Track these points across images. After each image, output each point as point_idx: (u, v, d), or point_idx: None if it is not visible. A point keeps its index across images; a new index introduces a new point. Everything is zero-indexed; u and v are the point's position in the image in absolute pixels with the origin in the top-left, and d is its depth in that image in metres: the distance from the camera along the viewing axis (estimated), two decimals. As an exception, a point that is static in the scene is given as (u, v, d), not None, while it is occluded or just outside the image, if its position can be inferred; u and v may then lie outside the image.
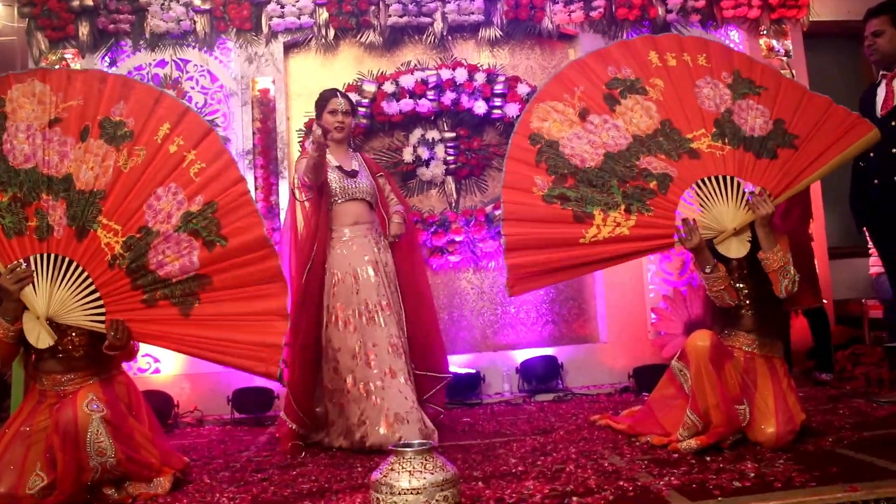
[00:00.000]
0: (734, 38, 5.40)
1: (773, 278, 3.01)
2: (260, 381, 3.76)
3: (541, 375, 4.85)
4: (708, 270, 3.09)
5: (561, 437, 3.43)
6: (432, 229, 4.95)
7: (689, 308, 4.98)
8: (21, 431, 2.82)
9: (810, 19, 5.43)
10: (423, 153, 5.02)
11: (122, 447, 2.70)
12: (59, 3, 4.86)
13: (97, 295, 2.84)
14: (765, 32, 5.36)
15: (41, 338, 2.80)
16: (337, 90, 3.89)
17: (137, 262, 2.86)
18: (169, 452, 2.98)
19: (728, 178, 3.10)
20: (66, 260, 2.84)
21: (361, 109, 4.96)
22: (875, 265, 4.75)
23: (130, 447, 2.75)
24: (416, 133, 5.05)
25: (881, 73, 3.82)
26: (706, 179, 3.11)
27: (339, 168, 3.76)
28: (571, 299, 5.25)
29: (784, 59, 5.28)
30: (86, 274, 2.84)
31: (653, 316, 5.09)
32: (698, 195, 3.12)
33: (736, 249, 3.09)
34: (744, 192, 3.08)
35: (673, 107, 3.21)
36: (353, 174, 3.77)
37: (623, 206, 3.16)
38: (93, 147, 2.91)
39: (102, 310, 2.83)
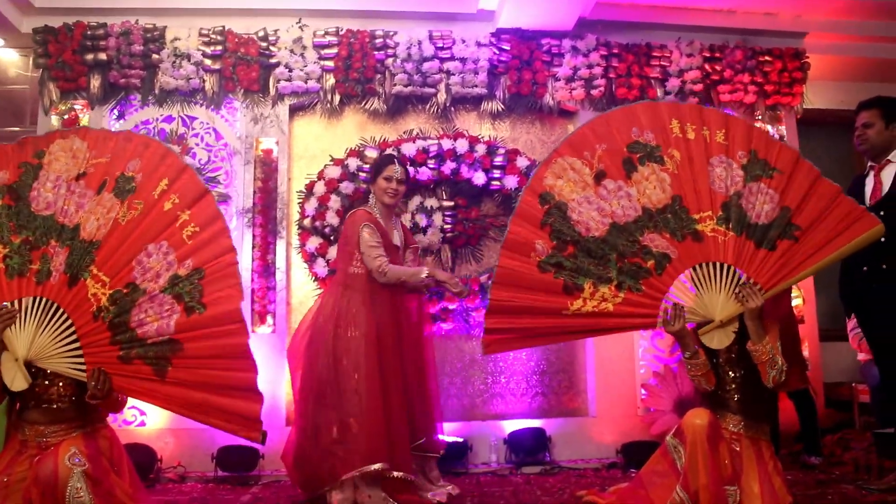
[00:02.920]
0: (730, 121, 5.53)
1: (762, 369, 3.03)
2: (246, 440, 3.73)
3: (528, 447, 4.82)
4: (687, 356, 3.12)
5: (546, 512, 3.41)
6: (426, 296, 4.96)
7: (680, 385, 4.97)
8: (-1, 482, 2.80)
9: (804, 107, 5.58)
10: (421, 220, 5.07)
11: (101, 503, 2.67)
12: (73, 55, 4.98)
13: (77, 344, 2.85)
14: (760, 118, 5.50)
15: (16, 380, 2.81)
16: (395, 156, 3.99)
17: (120, 318, 2.87)
18: (149, 509, 2.94)
19: (725, 265, 3.11)
20: (55, 305, 2.87)
21: (362, 174, 5.03)
22: (864, 351, 4.76)
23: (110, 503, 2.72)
24: (415, 200, 5.11)
25: (869, 164, 3.91)
26: (703, 264, 3.13)
27: (391, 242, 3.81)
28: (562, 372, 5.24)
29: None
30: (70, 321, 2.86)
31: (643, 392, 5.08)
32: (693, 279, 3.15)
33: (718, 341, 3.11)
34: (738, 281, 3.10)
35: (686, 182, 3.19)
36: (400, 250, 3.87)
37: (615, 282, 3.17)
38: (104, 200, 3.00)
39: (82, 359, 2.84)
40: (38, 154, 3.07)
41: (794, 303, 5.14)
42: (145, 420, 4.79)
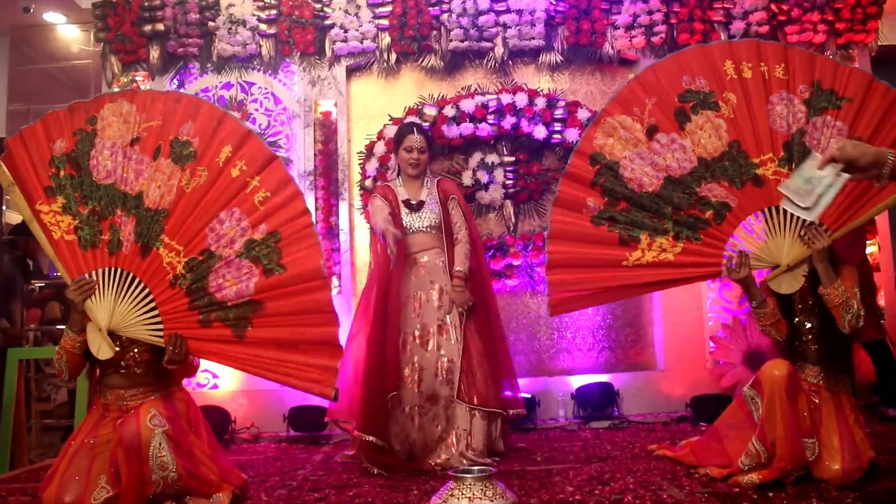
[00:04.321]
0: (799, 63, 5.33)
1: (836, 313, 2.93)
2: (316, 400, 3.79)
3: (596, 402, 4.80)
4: (754, 305, 3.06)
5: (618, 467, 3.38)
6: (490, 253, 4.95)
7: (749, 337, 4.88)
8: (85, 443, 2.92)
9: (878, 44, 5.31)
10: (483, 177, 5.03)
11: (182, 462, 2.75)
12: (132, 27, 5.04)
13: (156, 311, 2.92)
14: (831, 58, 5.24)
15: (102, 349, 2.89)
16: (414, 125, 3.98)
17: (198, 284, 2.94)
18: (227, 469, 3.02)
19: None
20: (130, 275, 2.94)
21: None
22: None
23: (191, 462, 2.80)
24: (476, 157, 5.07)
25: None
26: (769, 209, 3.06)
27: (406, 202, 3.85)
28: (628, 325, 5.18)
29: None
30: (147, 290, 2.93)
31: (711, 345, 5.00)
32: (766, 223, 3.07)
33: (788, 285, 3.03)
34: (804, 223, 3.01)
35: (743, 126, 3.13)
36: (417, 207, 3.84)
37: (672, 233, 3.14)
38: (162, 166, 3.01)
39: (161, 325, 2.91)
40: (91, 120, 3.06)
41: (869, 250, 4.97)
42: (218, 383, 4.92)
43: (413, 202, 3.86)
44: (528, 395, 4.79)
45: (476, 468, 2.30)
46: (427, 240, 3.85)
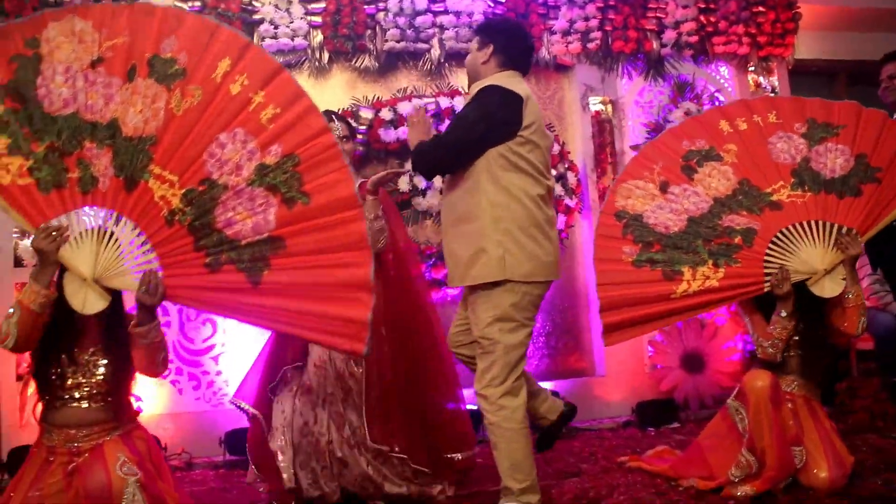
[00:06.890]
0: (724, 73, 5.53)
1: (852, 314, 3.05)
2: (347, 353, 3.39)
3: (541, 411, 4.74)
4: (785, 315, 3.10)
5: (597, 482, 3.34)
6: (431, 262, 4.80)
7: (685, 341, 4.99)
8: (30, 497, 2.43)
9: (795, 57, 5.57)
10: (420, 182, 4.87)
11: (156, 511, 2.43)
12: None
13: (151, 256, 2.51)
14: (752, 69, 5.47)
15: (88, 301, 2.45)
16: (332, 113, 3.61)
17: (202, 220, 2.52)
18: (193, 509, 2.72)
19: (815, 222, 3.13)
20: (114, 215, 2.52)
21: (358, 137, 4.77)
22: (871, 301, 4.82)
23: (164, 513, 2.48)
24: (415, 160, 4.90)
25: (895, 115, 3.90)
26: (794, 226, 3.14)
27: None
28: (566, 332, 5.17)
29: (771, 95, 5.39)
30: (138, 230, 2.53)
31: (649, 349, 5.06)
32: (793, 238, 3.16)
33: (830, 289, 3.10)
34: (833, 231, 3.11)
35: (749, 166, 3.29)
36: None
37: (711, 262, 3.21)
38: (141, 87, 2.57)
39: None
40: (31, 43, 2.58)
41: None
42: (142, 406, 4.50)
43: None
44: (474, 407, 4.67)
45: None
46: None
